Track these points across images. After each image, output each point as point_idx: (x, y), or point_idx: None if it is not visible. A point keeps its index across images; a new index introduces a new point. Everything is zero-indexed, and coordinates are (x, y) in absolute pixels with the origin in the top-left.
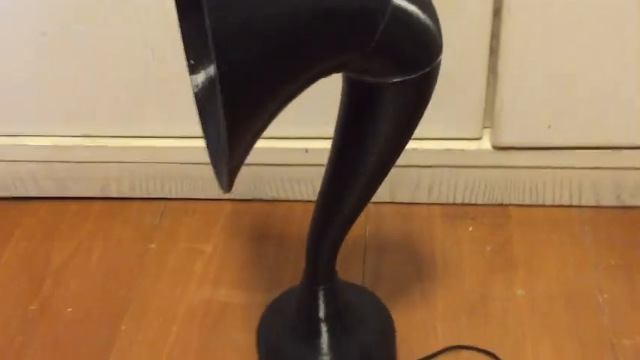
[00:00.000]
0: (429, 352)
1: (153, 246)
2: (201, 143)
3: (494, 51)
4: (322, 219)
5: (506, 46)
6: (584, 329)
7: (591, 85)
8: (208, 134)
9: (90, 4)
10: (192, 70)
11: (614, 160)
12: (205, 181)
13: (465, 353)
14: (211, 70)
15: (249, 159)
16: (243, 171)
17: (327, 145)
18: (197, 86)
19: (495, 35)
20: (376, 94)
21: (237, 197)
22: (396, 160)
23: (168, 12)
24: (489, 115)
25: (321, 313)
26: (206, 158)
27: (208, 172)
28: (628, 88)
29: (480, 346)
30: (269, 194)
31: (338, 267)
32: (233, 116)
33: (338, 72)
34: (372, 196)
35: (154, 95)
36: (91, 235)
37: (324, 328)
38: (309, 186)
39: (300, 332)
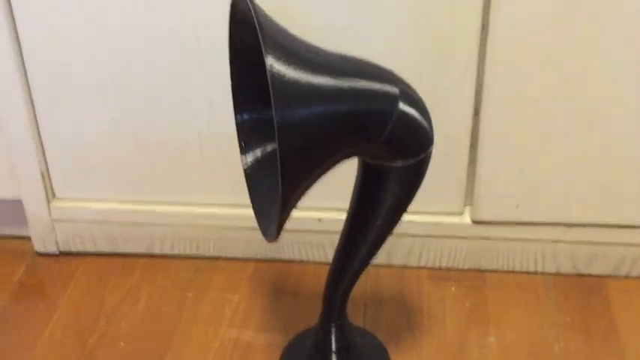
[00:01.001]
0: None
1: (189, 295)
2: (232, 210)
3: (473, 144)
4: (337, 270)
5: (484, 141)
6: None
7: (552, 176)
8: (255, 199)
9: (149, 84)
10: (243, 151)
11: (570, 235)
12: (234, 243)
13: None
14: (258, 152)
15: None
16: None
17: (337, 215)
18: (247, 164)
19: (474, 132)
20: (384, 174)
21: (260, 257)
22: (395, 226)
23: (216, 101)
24: (470, 195)
25: (334, 346)
26: (236, 223)
27: (237, 234)
28: (581, 178)
29: None
30: (287, 256)
31: None
32: (287, 185)
33: (357, 156)
34: (375, 253)
35: (195, 169)
36: (137, 286)
37: (335, 359)
38: (321, 250)
39: None
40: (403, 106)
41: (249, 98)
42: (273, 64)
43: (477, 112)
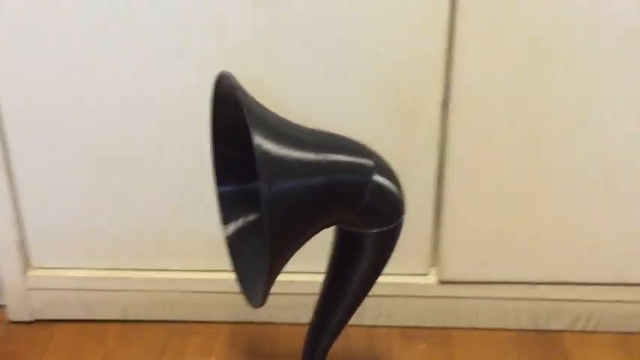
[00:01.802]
0: None
1: (165, 359)
2: (207, 275)
3: (437, 207)
4: (315, 331)
5: (448, 204)
6: None
7: (515, 235)
8: (237, 266)
9: (126, 154)
10: (225, 221)
11: (531, 292)
12: (208, 307)
13: None
14: (239, 221)
15: None
16: (238, 298)
17: (308, 278)
18: (228, 233)
19: (438, 196)
20: (360, 240)
21: (233, 320)
22: (370, 288)
23: (191, 171)
24: (435, 256)
25: None
26: (210, 287)
27: (211, 298)
28: (542, 238)
29: None
30: (260, 318)
31: None
32: (273, 253)
33: (337, 224)
34: (351, 315)
35: (173, 236)
36: (112, 352)
37: None
38: (292, 311)
39: None
40: (378, 177)
41: (230, 170)
42: (260, 142)
43: (440, 177)
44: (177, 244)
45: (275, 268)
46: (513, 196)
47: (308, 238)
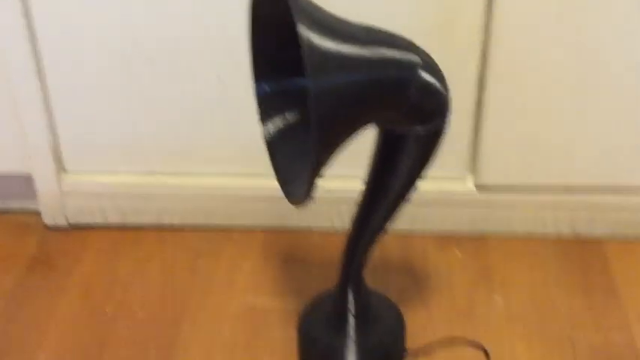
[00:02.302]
0: (430, 343)
1: (201, 264)
2: (242, 180)
3: (477, 112)
4: (356, 236)
5: (488, 108)
6: (549, 328)
7: (554, 140)
8: (277, 167)
9: (160, 57)
10: (264, 121)
11: (570, 198)
12: (243, 213)
13: (457, 344)
14: (278, 121)
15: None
16: (273, 204)
17: (342, 184)
18: (267, 133)
19: (479, 99)
20: (403, 140)
21: (268, 226)
22: (412, 192)
23: (226, 73)
24: (473, 161)
25: (351, 308)
26: (245, 193)
27: (246, 204)
28: (582, 142)
29: (469, 339)
30: (294, 224)
31: None
32: (320, 149)
33: (381, 124)
34: (392, 220)
35: (206, 140)
36: (149, 257)
37: (352, 320)
38: (327, 218)
39: (333, 323)
40: (424, 74)
41: (268, 68)
42: (307, 34)
43: (481, 81)
44: (213, 149)
45: (320, 164)
46: (553, 100)
47: (352, 136)
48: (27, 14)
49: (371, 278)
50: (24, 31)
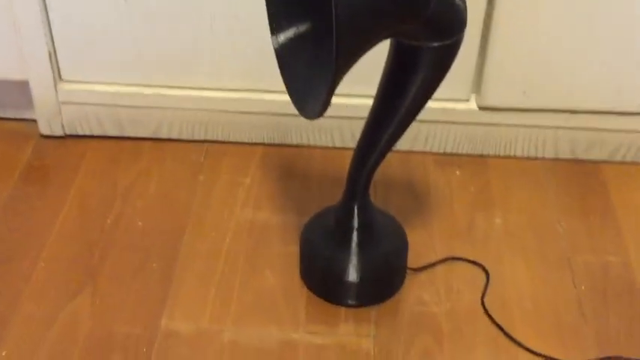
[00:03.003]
0: (431, 262)
1: (201, 177)
2: (242, 94)
3: (484, 35)
4: (363, 151)
5: (495, 29)
6: (548, 248)
7: (559, 63)
8: (288, 79)
9: None
10: (274, 31)
11: (572, 121)
12: (243, 128)
13: (457, 263)
14: (290, 32)
15: (278, 110)
16: (273, 120)
17: (345, 100)
18: (278, 44)
19: (486, 20)
20: (419, 55)
21: (267, 142)
22: (422, 109)
23: None
24: (477, 82)
25: (355, 224)
26: (245, 107)
27: (245, 118)
28: (586, 66)
29: (469, 259)
30: (294, 140)
31: None
32: (341, 57)
33: (398, 36)
34: (401, 136)
35: (205, 52)
36: (148, 169)
37: (355, 235)
38: (328, 135)
39: (336, 238)
40: None
41: None
42: None
43: (490, 2)
44: (213, 61)
45: (339, 75)
46: (560, 23)
47: (370, 47)
48: None
49: (371, 195)
50: None
